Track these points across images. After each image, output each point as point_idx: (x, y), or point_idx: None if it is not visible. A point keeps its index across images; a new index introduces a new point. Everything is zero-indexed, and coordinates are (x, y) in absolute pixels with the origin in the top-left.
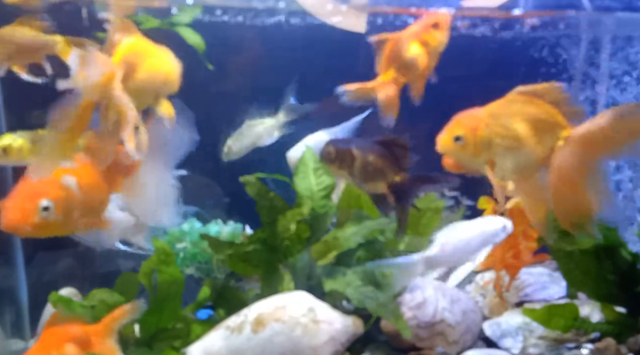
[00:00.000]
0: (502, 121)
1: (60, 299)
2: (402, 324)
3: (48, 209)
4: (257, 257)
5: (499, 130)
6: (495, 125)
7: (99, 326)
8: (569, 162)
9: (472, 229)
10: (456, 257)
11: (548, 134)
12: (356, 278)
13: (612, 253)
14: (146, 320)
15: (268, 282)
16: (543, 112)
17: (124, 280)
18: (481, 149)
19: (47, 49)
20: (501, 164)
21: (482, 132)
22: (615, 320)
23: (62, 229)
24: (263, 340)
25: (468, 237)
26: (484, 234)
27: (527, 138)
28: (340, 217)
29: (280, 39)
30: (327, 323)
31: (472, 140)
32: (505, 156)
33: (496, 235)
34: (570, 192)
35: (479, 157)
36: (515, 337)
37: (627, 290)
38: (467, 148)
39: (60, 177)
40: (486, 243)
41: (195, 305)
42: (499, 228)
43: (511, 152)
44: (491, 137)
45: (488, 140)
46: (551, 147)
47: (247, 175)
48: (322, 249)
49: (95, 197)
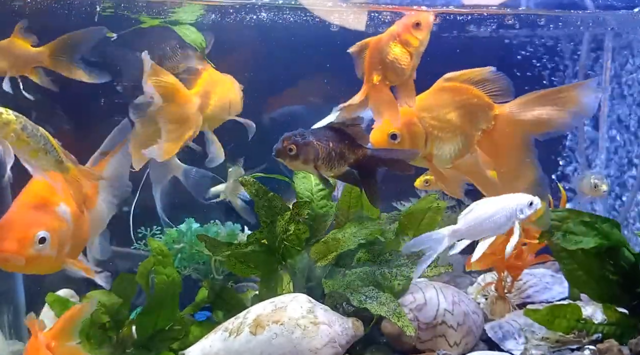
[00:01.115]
0: (435, 113)
1: (58, 300)
2: (404, 321)
3: (45, 241)
4: (256, 258)
5: (434, 123)
6: (429, 119)
7: (54, 329)
8: (501, 138)
9: (497, 203)
10: (480, 230)
11: (479, 117)
12: (356, 279)
13: (615, 253)
14: (143, 322)
15: (267, 284)
16: (472, 96)
17: (122, 281)
18: (418, 144)
19: (36, 62)
20: (440, 154)
21: (417, 127)
22: (617, 321)
23: (53, 265)
24: (262, 342)
25: (492, 211)
26: (508, 208)
27: (462, 125)
28: (340, 217)
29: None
30: (326, 325)
31: (408, 136)
32: (443, 146)
33: (521, 211)
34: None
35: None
36: (517, 338)
37: (630, 290)
38: (403, 145)
39: (55, 206)
40: (511, 218)
41: (193, 306)
42: (524, 203)
43: (448, 142)
44: (427, 131)
45: (424, 134)
46: (483, 128)
47: (245, 176)
48: (321, 249)
49: (83, 230)
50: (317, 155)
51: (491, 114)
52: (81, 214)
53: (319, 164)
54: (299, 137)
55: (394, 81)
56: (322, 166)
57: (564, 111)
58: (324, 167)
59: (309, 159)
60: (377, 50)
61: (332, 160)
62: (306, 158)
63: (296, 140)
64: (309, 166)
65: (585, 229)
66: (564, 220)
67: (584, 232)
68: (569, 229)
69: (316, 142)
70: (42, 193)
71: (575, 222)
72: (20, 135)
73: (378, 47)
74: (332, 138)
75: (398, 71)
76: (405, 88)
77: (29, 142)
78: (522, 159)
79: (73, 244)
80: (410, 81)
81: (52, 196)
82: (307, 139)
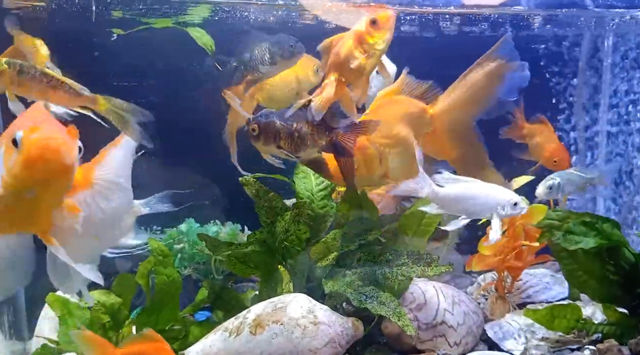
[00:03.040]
0: (382, 132)
1: (58, 300)
2: (404, 320)
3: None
4: (256, 258)
5: (384, 142)
6: (378, 138)
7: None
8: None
9: (483, 190)
10: (456, 206)
11: (420, 123)
12: (356, 279)
13: (615, 254)
14: (144, 322)
15: (267, 284)
16: (408, 105)
17: (122, 281)
18: (374, 166)
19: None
20: (395, 170)
21: (369, 149)
22: (617, 321)
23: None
24: (262, 342)
25: (475, 194)
26: (490, 199)
27: (407, 136)
28: (340, 218)
29: None
30: (326, 325)
31: (363, 160)
32: (398, 161)
33: (503, 207)
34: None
35: (374, 173)
36: (517, 338)
37: (630, 290)
38: (359, 170)
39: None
40: (490, 209)
41: (193, 306)
42: (506, 200)
43: (401, 155)
44: (379, 151)
45: (377, 154)
46: (426, 131)
47: (245, 176)
48: (322, 250)
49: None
50: (278, 135)
51: (428, 117)
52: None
53: (281, 145)
54: (262, 118)
55: (349, 79)
56: (286, 147)
57: (488, 88)
58: (288, 148)
59: (270, 139)
60: (336, 48)
61: (296, 141)
62: (267, 138)
63: (259, 121)
64: (271, 146)
65: (585, 229)
66: (564, 220)
67: (584, 232)
68: (569, 229)
69: (278, 123)
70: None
71: (576, 222)
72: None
73: (337, 45)
74: (298, 119)
75: (353, 69)
76: (357, 87)
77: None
78: (471, 145)
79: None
80: (364, 80)
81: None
82: (269, 119)
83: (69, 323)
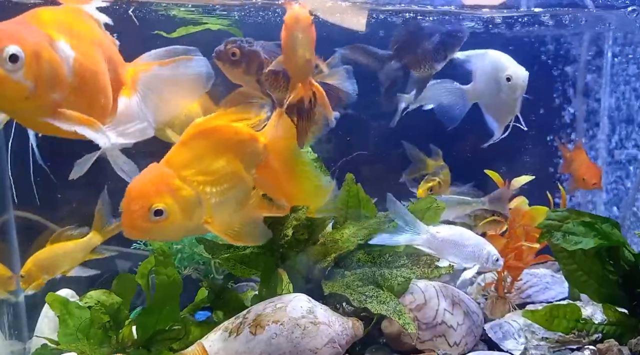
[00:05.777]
0: (198, 167)
1: (58, 300)
2: (405, 319)
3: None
4: (255, 261)
5: (202, 179)
6: (195, 175)
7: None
8: (281, 164)
9: (475, 241)
10: (447, 251)
11: (248, 153)
12: (356, 279)
13: (615, 254)
14: (144, 322)
15: (267, 284)
16: (231, 134)
17: (122, 281)
18: (192, 212)
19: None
20: (222, 212)
21: (184, 191)
22: (617, 322)
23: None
24: (262, 342)
25: (466, 243)
26: (480, 251)
27: (234, 170)
28: (338, 217)
29: None
30: (326, 325)
31: (177, 206)
32: (224, 201)
33: (487, 260)
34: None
35: (192, 221)
36: (517, 338)
37: (630, 291)
38: (173, 219)
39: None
40: (477, 259)
41: (193, 306)
42: (494, 255)
43: (226, 195)
44: (199, 191)
45: (196, 196)
46: (258, 163)
47: None
48: (320, 251)
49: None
50: (261, 67)
51: (259, 146)
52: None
53: (262, 79)
54: (245, 43)
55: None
56: (266, 83)
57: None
58: (267, 85)
59: (252, 68)
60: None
61: (279, 79)
62: (249, 66)
63: (241, 45)
64: (250, 77)
65: (585, 229)
66: (564, 220)
67: (584, 232)
68: (569, 229)
69: (263, 54)
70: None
71: (575, 223)
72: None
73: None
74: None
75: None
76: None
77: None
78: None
79: (73, 94)
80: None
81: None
82: (254, 47)
83: (69, 323)
